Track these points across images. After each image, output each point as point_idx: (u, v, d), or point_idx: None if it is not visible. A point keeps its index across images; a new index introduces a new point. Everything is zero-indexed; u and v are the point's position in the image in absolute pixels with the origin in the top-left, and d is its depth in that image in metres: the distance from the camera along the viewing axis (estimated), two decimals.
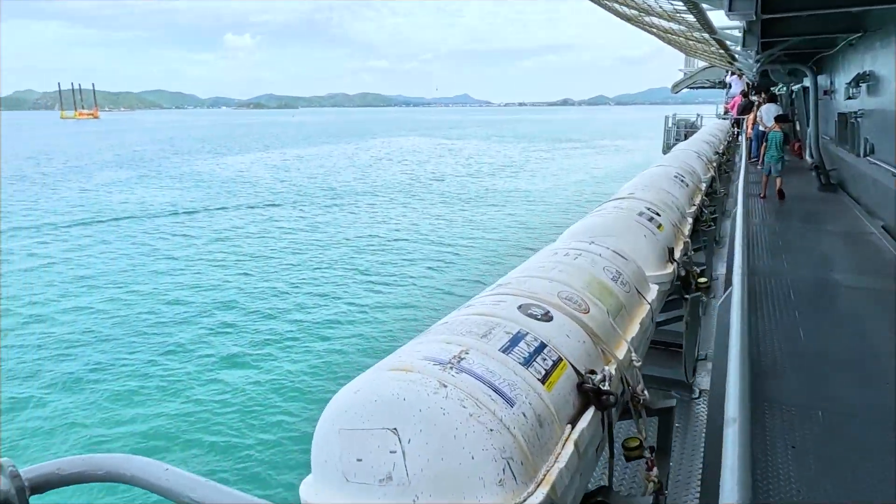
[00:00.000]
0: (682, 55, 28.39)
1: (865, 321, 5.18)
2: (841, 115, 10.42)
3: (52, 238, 24.88)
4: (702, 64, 26.57)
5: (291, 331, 14.55)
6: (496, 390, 1.58)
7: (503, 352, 1.76)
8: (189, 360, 12.88)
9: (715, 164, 8.67)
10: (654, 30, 11.19)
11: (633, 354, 2.26)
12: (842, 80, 10.17)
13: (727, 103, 23.41)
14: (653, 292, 2.89)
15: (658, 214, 4.04)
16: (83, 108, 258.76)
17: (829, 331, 5.04)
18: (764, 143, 11.42)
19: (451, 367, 1.61)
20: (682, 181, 5.78)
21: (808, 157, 12.67)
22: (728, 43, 9.83)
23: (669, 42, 13.69)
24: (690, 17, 8.62)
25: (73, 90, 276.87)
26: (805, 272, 6.72)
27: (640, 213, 3.87)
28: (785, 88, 19.34)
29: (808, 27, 8.32)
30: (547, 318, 2.06)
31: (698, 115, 23.64)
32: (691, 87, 30.52)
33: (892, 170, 7.00)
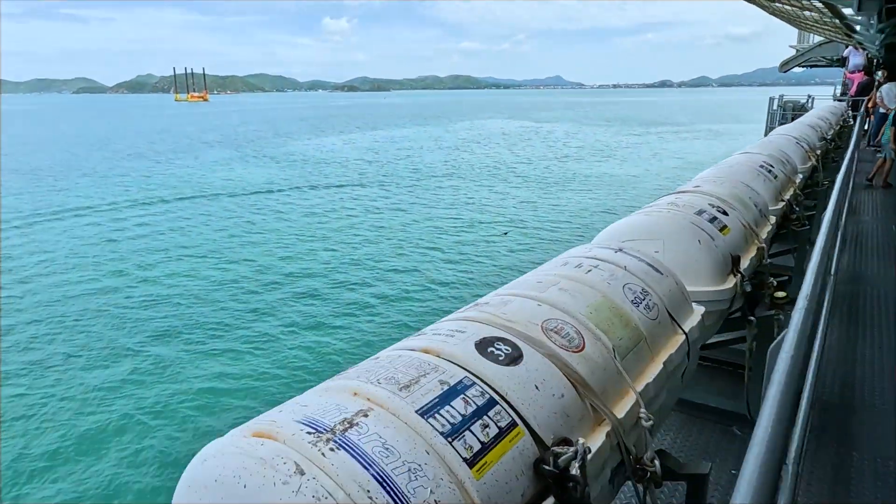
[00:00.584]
0: (796, 31, 25.59)
1: None
2: None
3: (161, 210, 27.03)
4: (817, 39, 23.81)
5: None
6: (384, 480, 1.09)
7: (424, 413, 1.26)
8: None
9: (819, 152, 7.49)
10: None
11: (643, 410, 1.67)
12: None
13: (845, 82, 20.79)
14: (695, 317, 2.24)
15: (725, 213, 3.30)
16: (194, 91, 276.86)
17: None
18: (883, 127, 10.40)
19: (330, 440, 1.13)
20: (768, 172, 4.88)
21: None
22: (843, 9, 8.40)
23: (773, 13, 12.14)
24: None
25: (185, 74, 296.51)
26: None
27: (701, 212, 3.16)
28: None
29: None
30: (512, 359, 1.52)
31: (809, 96, 21.15)
32: (803, 66, 27.49)
33: None
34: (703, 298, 2.66)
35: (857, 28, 9.74)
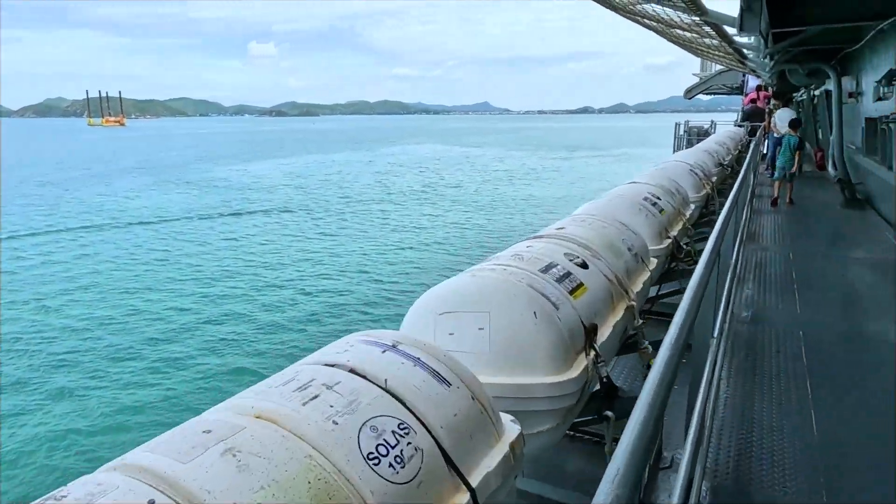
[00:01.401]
0: (699, 59, 26.75)
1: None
2: (869, 120, 8.86)
3: (65, 241, 24.89)
4: (719, 68, 24.91)
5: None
6: None
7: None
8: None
9: (715, 179, 7.20)
10: (653, 23, 9.77)
11: None
12: (870, 78, 8.61)
13: (743, 108, 21.72)
14: (496, 454, 1.48)
15: (584, 266, 2.64)
16: (110, 115, 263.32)
17: (849, 414, 3.59)
18: (778, 149, 10.90)
19: None
20: (653, 206, 4.37)
21: (830, 169, 11.07)
22: (730, 31, 8.37)
23: (675, 41, 12.21)
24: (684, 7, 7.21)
25: (100, 98, 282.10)
26: (822, 319, 5.25)
27: (549, 268, 2.48)
28: (806, 94, 17.65)
29: (828, 12, 6.82)
30: None
31: (712, 121, 21.99)
32: (707, 93, 28.79)
33: None
34: (537, 394, 1.95)
35: (749, 54, 9.79)
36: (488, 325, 2.05)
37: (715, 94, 30.06)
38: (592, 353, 2.19)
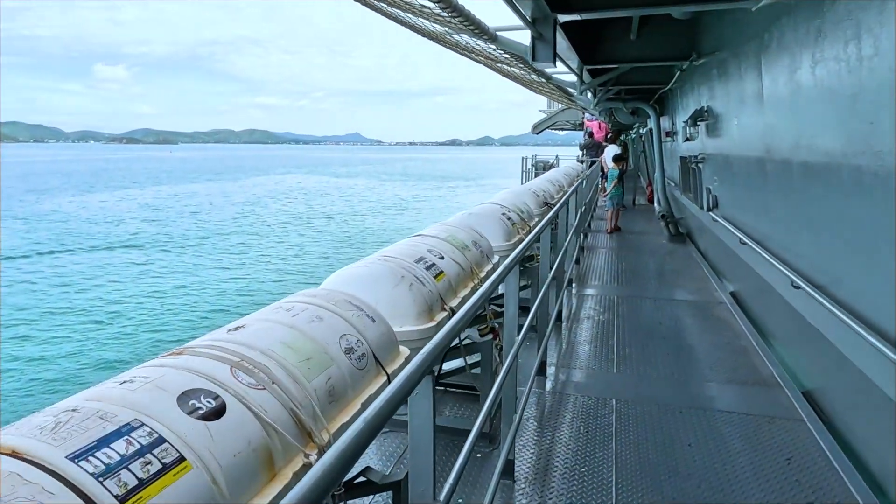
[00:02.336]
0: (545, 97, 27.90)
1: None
2: (682, 159, 9.02)
3: None
4: (561, 105, 26.05)
5: None
6: None
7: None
8: None
9: (534, 224, 6.65)
10: (480, 58, 9.36)
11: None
12: (680, 118, 8.81)
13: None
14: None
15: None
16: None
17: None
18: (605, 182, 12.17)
19: None
20: (508, 220, 3.54)
21: (656, 205, 11.38)
22: (549, 71, 8.18)
23: (507, 76, 12.03)
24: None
25: None
26: (632, 382, 4.72)
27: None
28: (635, 132, 18.75)
29: (633, 52, 6.70)
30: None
31: (556, 156, 22.82)
32: (556, 129, 30.15)
33: (738, 234, 5.26)
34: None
35: (572, 91, 9.71)
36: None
37: (563, 129, 31.60)
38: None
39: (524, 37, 5.83)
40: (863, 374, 3.24)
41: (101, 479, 1.20)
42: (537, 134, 27.09)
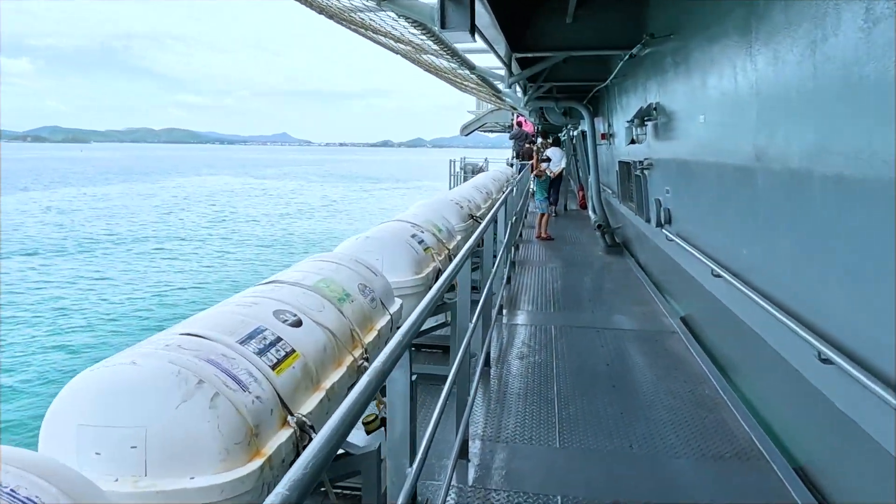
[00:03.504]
0: (475, 98, 26.94)
1: None
2: (622, 164, 8.09)
3: None
4: (490, 106, 25.19)
5: None
6: None
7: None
8: None
9: (455, 244, 5.44)
10: (403, 46, 8.14)
11: None
12: (619, 118, 7.87)
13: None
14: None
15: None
16: None
17: None
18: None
19: None
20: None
21: (591, 213, 10.49)
22: (473, 59, 7.03)
23: (432, 71, 10.81)
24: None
25: None
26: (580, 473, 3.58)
27: None
28: (566, 134, 18.02)
29: (569, 38, 5.63)
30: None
31: (486, 159, 21.91)
32: (485, 131, 29.32)
33: (705, 260, 4.22)
34: None
35: (500, 86, 8.61)
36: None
37: (492, 131, 30.85)
38: None
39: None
40: (867, 435, 2.48)
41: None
42: (466, 136, 26.07)
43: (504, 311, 6.64)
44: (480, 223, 5.06)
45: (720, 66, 3.82)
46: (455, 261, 3.02)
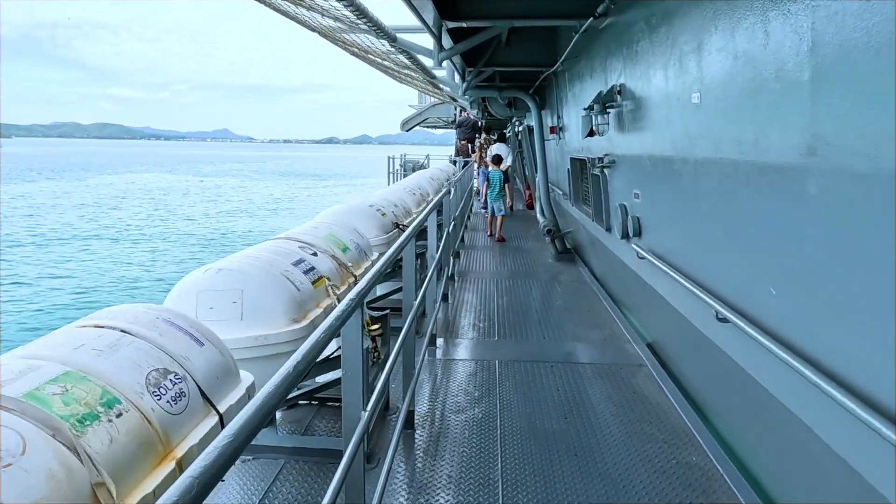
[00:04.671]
0: (417, 91, 25.64)
1: None
2: (574, 161, 7.01)
3: None
4: (433, 100, 23.96)
5: None
6: None
7: None
8: None
9: (369, 265, 4.19)
10: (328, 20, 6.81)
11: None
12: (573, 107, 6.77)
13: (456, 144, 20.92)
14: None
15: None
16: None
17: None
18: (486, 184, 11.16)
19: None
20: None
21: (539, 216, 9.43)
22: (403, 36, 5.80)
23: (373, 64, 9.46)
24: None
25: None
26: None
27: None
28: (511, 129, 17.00)
29: (510, 6, 4.48)
30: None
31: (427, 155, 20.72)
32: (428, 126, 28.07)
33: (713, 302, 3.11)
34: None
35: (429, 65, 7.39)
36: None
37: (435, 127, 29.65)
38: None
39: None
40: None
41: None
42: (407, 131, 24.76)
43: (438, 342, 5.44)
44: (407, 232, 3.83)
45: (732, 21, 2.72)
46: (340, 307, 1.80)
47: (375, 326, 3.48)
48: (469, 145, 17.84)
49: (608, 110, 4.63)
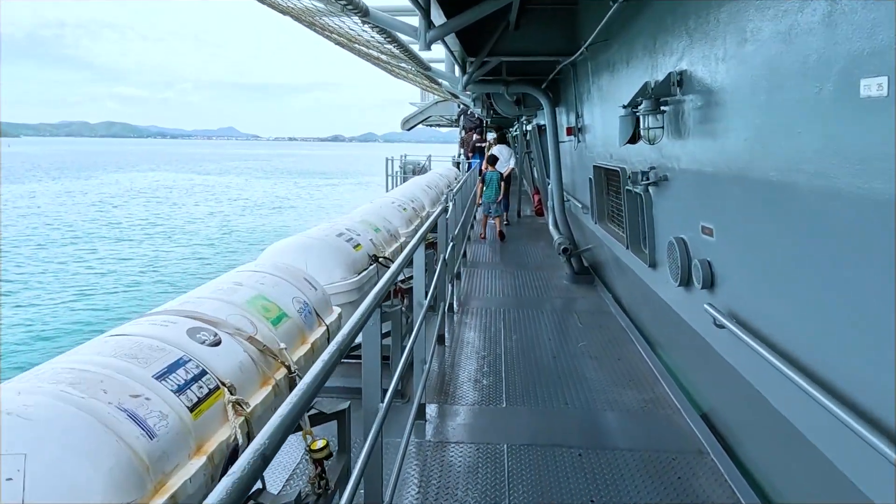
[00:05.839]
0: (419, 90, 24.35)
1: None
2: (601, 171, 5.70)
3: None
4: (435, 97, 22.66)
5: None
6: None
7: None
8: None
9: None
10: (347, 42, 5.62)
11: None
12: (597, 103, 5.44)
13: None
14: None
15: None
16: None
17: None
18: (481, 185, 11.02)
19: None
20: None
21: (552, 230, 8.13)
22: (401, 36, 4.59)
23: (373, 61, 8.18)
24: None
25: None
26: None
27: None
28: (518, 128, 15.67)
29: None
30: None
31: (429, 156, 19.48)
32: (427, 125, 26.77)
33: (839, 408, 1.82)
34: None
35: (416, 49, 6.12)
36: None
37: (439, 126, 28.39)
38: None
39: None
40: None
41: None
42: (408, 130, 23.45)
43: (429, 412, 4.17)
44: (388, 267, 2.58)
45: None
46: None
47: (319, 447, 2.25)
48: (475, 136, 16.91)
49: (662, 109, 3.35)
